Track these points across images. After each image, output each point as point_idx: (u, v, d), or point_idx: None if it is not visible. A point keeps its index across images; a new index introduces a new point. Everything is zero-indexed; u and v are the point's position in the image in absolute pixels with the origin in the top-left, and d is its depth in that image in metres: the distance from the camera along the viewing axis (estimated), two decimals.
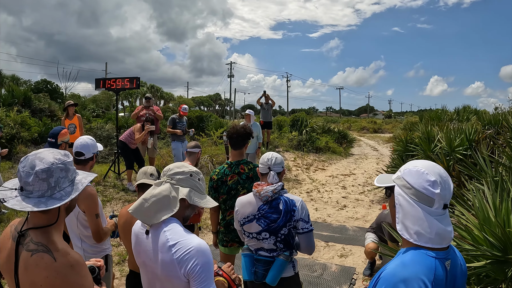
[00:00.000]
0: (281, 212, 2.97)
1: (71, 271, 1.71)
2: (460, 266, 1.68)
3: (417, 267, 1.52)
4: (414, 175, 1.62)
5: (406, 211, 1.61)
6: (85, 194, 3.42)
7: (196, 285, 1.92)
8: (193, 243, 1.94)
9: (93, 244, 3.57)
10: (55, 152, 1.83)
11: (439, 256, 1.55)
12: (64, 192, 1.77)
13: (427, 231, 1.55)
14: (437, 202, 1.56)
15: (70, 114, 9.68)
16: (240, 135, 3.98)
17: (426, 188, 1.57)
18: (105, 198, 8.51)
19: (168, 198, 2.05)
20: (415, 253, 1.57)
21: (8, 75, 40.64)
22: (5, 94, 17.94)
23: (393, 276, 1.53)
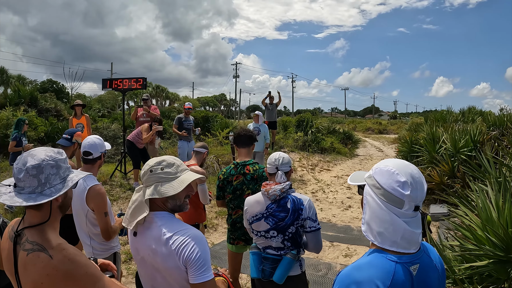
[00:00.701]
0: (289, 211, 3.01)
1: (70, 265, 1.73)
2: (436, 270, 1.58)
3: (372, 270, 1.46)
4: (384, 175, 1.54)
5: (373, 211, 1.56)
6: (94, 193, 3.48)
7: (194, 271, 1.93)
8: (189, 232, 1.99)
9: (101, 242, 3.62)
10: (48, 149, 1.85)
11: (402, 260, 1.47)
12: (55, 189, 1.78)
13: (392, 234, 1.49)
14: (407, 204, 1.48)
15: (78, 114, 9.71)
16: (248, 134, 4.10)
17: (395, 189, 1.49)
18: (112, 197, 8.58)
19: (141, 202, 2.11)
20: (375, 256, 1.52)
21: (14, 75, 40.94)
22: (12, 94, 18.08)
23: (348, 277, 1.49)
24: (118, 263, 3.78)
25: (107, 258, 3.67)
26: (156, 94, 62.22)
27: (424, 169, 8.69)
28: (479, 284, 3.25)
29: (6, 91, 23.11)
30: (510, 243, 3.20)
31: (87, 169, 3.68)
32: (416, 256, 1.51)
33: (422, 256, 1.54)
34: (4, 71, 40.60)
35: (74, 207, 3.71)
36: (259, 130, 10.94)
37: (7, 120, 13.07)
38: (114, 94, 40.93)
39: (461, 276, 3.31)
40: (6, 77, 40.03)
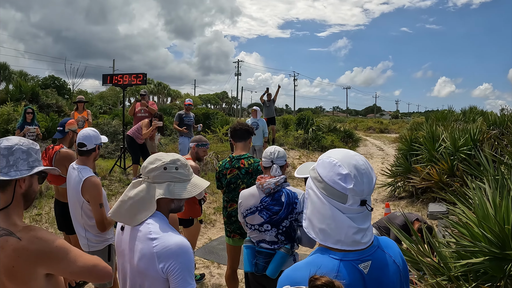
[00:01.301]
0: (283, 204, 3.01)
1: (40, 242, 1.75)
2: (394, 265, 1.46)
3: (312, 270, 1.26)
4: (326, 167, 1.41)
5: (315, 206, 1.43)
6: (89, 184, 3.50)
7: (176, 284, 1.87)
8: (174, 240, 1.90)
9: (96, 234, 3.63)
10: (24, 139, 1.90)
11: (348, 258, 1.35)
12: (20, 173, 1.81)
13: (335, 231, 1.37)
14: (351, 198, 1.35)
15: (80, 109, 9.81)
16: (245, 128, 4.09)
17: (336, 183, 1.36)
18: (111, 192, 8.59)
19: (144, 199, 2.01)
20: (317, 255, 1.40)
21: (16, 70, 40.97)
22: (13, 90, 18.13)
23: (286, 278, 1.38)
24: (112, 255, 3.79)
25: (102, 250, 3.70)
26: (158, 91, 62.18)
27: (423, 168, 8.68)
28: (474, 281, 3.24)
29: (7, 86, 23.16)
30: (505, 240, 3.19)
31: (82, 161, 3.71)
32: (366, 252, 1.39)
33: (375, 252, 1.41)
34: (6, 67, 40.65)
35: (70, 199, 3.74)
36: (257, 124, 11.09)
37: (8, 115, 13.09)
38: (115, 91, 40.90)
39: (456, 273, 3.30)
40: (8, 73, 40.07)
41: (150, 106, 9.93)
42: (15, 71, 40.36)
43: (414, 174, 8.94)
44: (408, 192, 9.56)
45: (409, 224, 4.29)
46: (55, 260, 1.78)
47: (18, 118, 12.74)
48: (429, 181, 8.30)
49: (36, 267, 1.75)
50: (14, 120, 12.75)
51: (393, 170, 10.18)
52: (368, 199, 1.38)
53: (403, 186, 9.80)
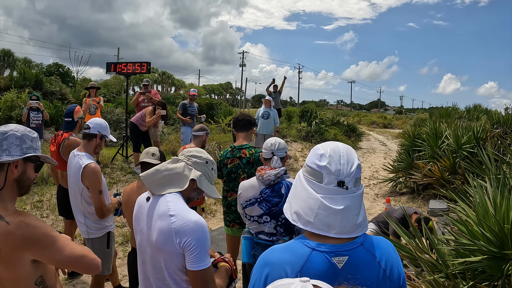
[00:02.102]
0: (283, 196, 3.00)
1: (27, 227, 1.76)
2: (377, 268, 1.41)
3: (285, 254, 1.38)
4: (310, 154, 1.50)
5: (295, 190, 1.49)
6: (89, 171, 3.53)
7: (192, 259, 1.95)
8: (192, 218, 2.00)
9: (95, 221, 3.66)
10: (22, 126, 1.94)
11: (321, 249, 1.36)
12: (11, 157, 1.83)
13: (307, 213, 1.39)
14: (327, 177, 1.38)
15: (92, 95, 9.84)
16: (247, 118, 4.08)
17: (313, 162, 1.43)
18: (112, 180, 8.61)
19: (179, 175, 2.16)
20: (294, 241, 1.45)
21: (21, 58, 40.92)
22: (17, 77, 18.16)
23: (263, 258, 1.44)
24: (111, 243, 3.83)
25: (101, 237, 3.74)
26: (162, 81, 62.18)
27: (425, 164, 8.65)
28: (472, 279, 3.24)
29: (12, 73, 23.17)
30: (504, 240, 3.18)
31: (83, 145, 3.75)
32: (344, 247, 1.37)
33: (355, 248, 1.39)
34: (11, 54, 40.62)
35: (70, 185, 3.78)
36: (269, 114, 11.22)
37: (12, 102, 13.11)
38: (119, 79, 40.89)
39: (454, 271, 3.30)
40: (12, 60, 40.02)
41: (153, 96, 9.94)
42: (19, 58, 40.33)
43: (416, 170, 8.92)
44: (409, 188, 9.54)
45: (407, 216, 4.27)
46: (41, 246, 1.80)
47: (21, 105, 12.78)
48: (430, 177, 8.29)
49: (22, 252, 1.77)
50: (17, 107, 12.78)
51: (395, 166, 10.16)
52: (347, 182, 1.38)
53: (404, 181, 9.77)
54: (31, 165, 1.94)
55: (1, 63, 40.53)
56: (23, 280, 1.82)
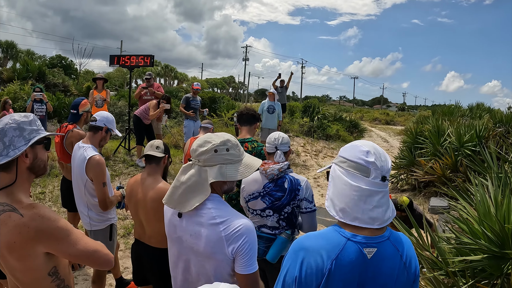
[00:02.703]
0: (286, 191, 3.02)
1: (41, 220, 1.77)
2: (399, 262, 1.55)
3: (322, 241, 1.51)
4: (348, 149, 1.61)
5: (337, 187, 1.58)
6: (94, 162, 3.55)
7: (244, 263, 1.92)
8: (241, 222, 1.93)
9: (98, 213, 3.69)
10: (15, 114, 1.90)
11: (356, 239, 1.49)
12: (18, 150, 1.82)
13: (353, 209, 1.51)
14: (373, 172, 1.52)
15: (99, 88, 9.86)
16: (251, 113, 4.12)
17: (360, 158, 1.54)
18: (114, 172, 8.64)
19: (197, 183, 1.98)
20: (330, 229, 1.56)
21: (24, 49, 40.95)
22: (20, 68, 18.20)
23: (298, 243, 1.55)
24: (114, 235, 3.86)
25: (104, 229, 3.76)
26: (165, 74, 62.15)
27: (427, 161, 8.66)
28: (472, 278, 3.25)
29: (14, 65, 23.19)
30: (505, 239, 3.19)
31: (89, 137, 3.77)
32: (374, 239, 1.51)
33: (384, 243, 1.53)
34: (14, 45, 40.66)
35: (74, 177, 3.79)
36: (274, 108, 11.23)
37: (15, 94, 13.14)
38: (122, 71, 40.91)
39: (454, 269, 3.32)
40: (15, 51, 40.07)
41: (156, 90, 9.94)
42: (22, 50, 40.36)
43: (418, 167, 8.93)
44: (410, 185, 9.55)
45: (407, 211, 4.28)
46: (55, 240, 1.80)
47: (24, 96, 12.81)
48: (432, 175, 8.30)
49: (36, 245, 1.78)
50: (20, 98, 12.81)
51: (397, 163, 10.16)
52: (387, 176, 1.54)
53: (406, 178, 9.78)
54: (40, 147, 1.93)
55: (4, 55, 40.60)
56: (36, 271, 1.83)
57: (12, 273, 1.86)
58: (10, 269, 1.85)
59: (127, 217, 6.64)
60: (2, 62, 40.66)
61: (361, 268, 1.48)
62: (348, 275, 1.47)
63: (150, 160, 3.16)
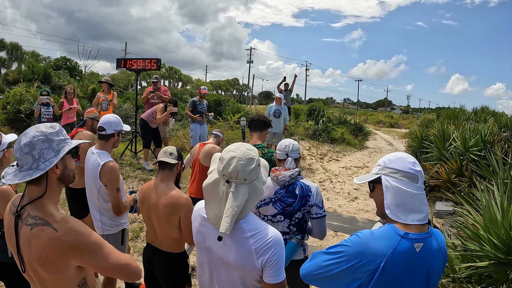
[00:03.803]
0: (297, 197, 3.08)
1: (75, 235, 1.79)
2: (439, 253, 1.83)
3: (383, 241, 1.76)
4: (397, 162, 1.88)
5: (394, 195, 1.83)
6: (107, 168, 3.61)
7: (273, 273, 1.96)
8: (270, 233, 1.97)
9: (111, 218, 3.76)
10: (40, 126, 1.89)
11: (408, 236, 1.76)
12: (49, 162, 1.83)
13: (410, 211, 1.79)
14: (420, 178, 1.83)
15: (106, 90, 9.84)
16: (262, 119, 4.19)
17: (411, 168, 1.83)
18: (121, 175, 8.67)
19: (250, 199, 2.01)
20: (388, 229, 1.80)
21: (28, 51, 40.99)
22: (25, 70, 18.26)
23: (363, 241, 1.79)
24: (126, 239, 3.92)
25: (116, 234, 3.82)
26: (169, 76, 62.16)
27: (432, 166, 8.69)
28: (478, 284, 3.29)
29: (20, 67, 23.29)
30: (511, 246, 3.22)
31: (101, 145, 3.82)
32: (422, 235, 1.78)
33: (428, 238, 1.80)
34: (18, 47, 40.74)
35: (87, 182, 3.85)
36: (280, 112, 11.29)
37: (20, 96, 13.20)
38: (127, 73, 40.99)
39: (460, 275, 3.35)
40: (20, 53, 40.12)
41: (163, 94, 9.99)
42: (27, 52, 40.38)
43: (423, 171, 8.93)
44: None
45: None
46: (88, 254, 1.82)
47: (30, 99, 12.87)
48: (437, 179, 8.31)
49: (69, 259, 1.80)
50: (26, 100, 12.86)
51: None
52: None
53: None
54: (69, 156, 1.95)
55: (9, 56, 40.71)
56: (67, 282, 1.87)
57: (42, 284, 1.88)
58: (40, 280, 1.87)
59: (135, 220, 6.70)
60: (7, 63, 40.84)
61: (412, 260, 1.75)
62: (401, 267, 1.74)
63: (163, 166, 3.22)
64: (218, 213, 1.98)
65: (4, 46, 40.28)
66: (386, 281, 1.74)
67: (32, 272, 1.87)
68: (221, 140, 5.44)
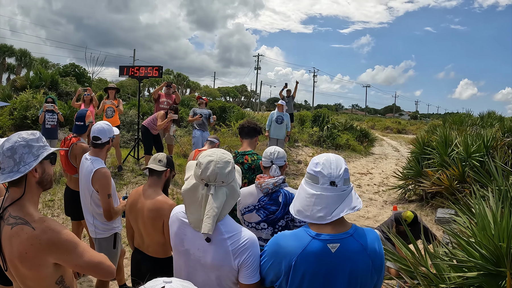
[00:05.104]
0: (280, 205, 3.06)
1: (51, 233, 1.92)
2: (363, 254, 1.83)
3: (292, 239, 1.87)
4: (309, 164, 1.99)
5: (298, 194, 1.99)
6: (100, 175, 3.68)
7: (248, 274, 2.02)
8: (246, 235, 2.05)
9: (104, 222, 3.84)
10: (22, 133, 2.04)
11: (319, 237, 1.82)
12: (29, 166, 1.97)
13: (305, 209, 1.89)
14: (321, 178, 1.88)
15: (111, 97, 9.79)
16: (252, 126, 4.19)
17: (311, 169, 1.93)
18: (123, 181, 8.74)
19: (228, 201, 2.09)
20: (301, 229, 1.91)
21: (37, 58, 41.43)
22: (33, 77, 18.46)
23: (274, 239, 1.97)
24: (118, 243, 4.00)
25: (108, 237, 3.91)
26: (177, 82, 62.42)
27: (434, 172, 8.62)
28: None
29: (28, 73, 23.50)
30: (500, 257, 3.16)
31: (95, 152, 3.88)
32: (337, 236, 1.82)
33: (346, 238, 1.83)
34: (27, 53, 41.17)
35: (81, 187, 3.95)
36: (282, 118, 11.43)
37: (27, 102, 13.32)
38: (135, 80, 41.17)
39: (449, 286, 3.30)
40: (29, 59, 40.56)
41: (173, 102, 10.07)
42: (36, 58, 40.85)
43: (425, 178, 8.86)
44: (418, 196, 9.50)
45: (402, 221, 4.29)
46: (64, 251, 1.95)
47: (36, 105, 12.99)
48: (439, 186, 8.25)
49: (46, 256, 1.93)
50: (32, 107, 12.98)
51: (404, 173, 10.11)
52: (338, 181, 1.87)
53: (413, 189, 9.73)
54: (47, 162, 2.09)
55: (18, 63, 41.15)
56: (45, 279, 1.98)
57: (23, 281, 2.00)
58: (21, 277, 1.99)
59: None
60: (16, 70, 41.30)
61: (326, 261, 1.79)
62: (313, 267, 1.79)
63: (152, 173, 3.26)
64: (199, 217, 2.04)
65: (13, 53, 40.76)
66: (300, 279, 1.82)
67: (14, 270, 1.99)
68: (217, 146, 5.44)
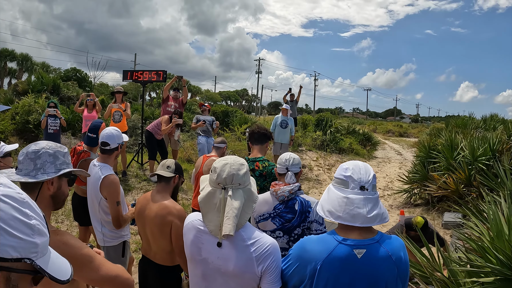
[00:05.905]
0: (296, 212, 3.00)
1: (65, 247, 1.80)
2: (389, 260, 1.84)
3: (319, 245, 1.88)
4: (337, 170, 2.03)
5: (327, 195, 2.00)
6: (108, 182, 3.61)
7: (272, 280, 2.02)
8: (269, 241, 2.06)
9: (112, 230, 3.75)
10: (52, 143, 1.99)
11: (346, 242, 1.84)
12: (47, 175, 1.89)
13: (337, 209, 1.88)
14: (351, 183, 1.91)
15: (118, 101, 9.55)
16: (262, 132, 4.14)
17: (341, 174, 1.97)
18: (127, 187, 8.69)
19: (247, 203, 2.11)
20: (327, 234, 1.94)
21: (39, 62, 41.48)
22: (35, 81, 18.46)
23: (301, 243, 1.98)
24: (127, 251, 3.92)
25: (117, 246, 3.83)
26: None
27: (440, 176, 8.57)
28: None
29: (30, 78, 23.50)
30: None
31: (104, 159, 3.81)
32: (363, 242, 1.84)
33: (372, 244, 1.85)
34: (29, 58, 41.23)
35: (89, 195, 3.88)
36: (287, 123, 11.45)
37: (29, 107, 13.28)
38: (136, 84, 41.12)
39: None
40: (31, 64, 40.62)
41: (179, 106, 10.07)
42: (37, 63, 40.91)
43: (431, 181, 8.81)
44: (424, 200, 9.44)
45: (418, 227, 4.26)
46: (78, 266, 1.82)
47: (38, 110, 12.95)
48: (445, 189, 8.20)
49: None
50: (34, 111, 12.93)
51: (410, 177, 10.06)
52: (367, 186, 1.90)
53: (419, 193, 9.67)
54: (65, 180, 2.01)
55: (20, 67, 41.21)
56: None
57: None
58: None
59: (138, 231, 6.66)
60: (17, 74, 41.35)
61: (352, 266, 1.80)
62: (338, 272, 1.81)
63: (160, 179, 3.22)
64: (218, 223, 2.03)
65: (14, 57, 40.81)
66: (324, 284, 1.83)
67: None
68: (225, 149, 5.43)
